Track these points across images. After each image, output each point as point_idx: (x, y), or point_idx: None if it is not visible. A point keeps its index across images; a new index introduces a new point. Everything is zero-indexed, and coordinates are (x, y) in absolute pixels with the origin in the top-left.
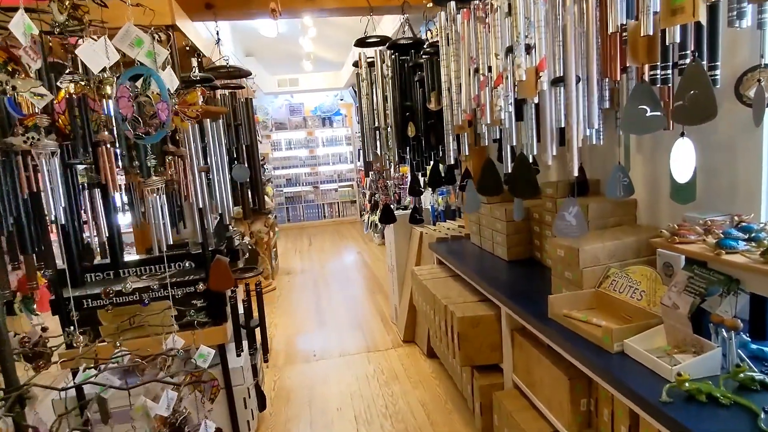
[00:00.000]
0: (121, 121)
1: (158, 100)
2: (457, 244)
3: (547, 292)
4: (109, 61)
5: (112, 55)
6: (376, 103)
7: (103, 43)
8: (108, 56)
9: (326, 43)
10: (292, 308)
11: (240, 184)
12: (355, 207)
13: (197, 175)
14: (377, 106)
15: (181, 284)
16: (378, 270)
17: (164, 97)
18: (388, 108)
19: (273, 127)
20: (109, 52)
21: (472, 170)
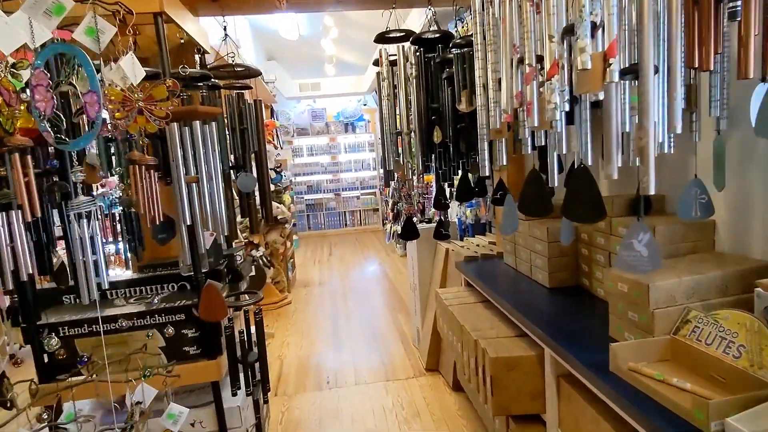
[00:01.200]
0: (38, 118)
1: (87, 91)
2: (488, 265)
3: (601, 333)
4: (33, 39)
5: (38, 33)
6: (398, 105)
7: (22, 16)
8: (31, 33)
9: (349, 46)
10: (306, 325)
11: (246, 195)
12: (378, 215)
13: (184, 187)
14: (400, 109)
15: (170, 311)
16: (399, 284)
17: (93, 87)
18: (412, 111)
19: (295, 133)
20: (33, 27)
21: (508, 182)
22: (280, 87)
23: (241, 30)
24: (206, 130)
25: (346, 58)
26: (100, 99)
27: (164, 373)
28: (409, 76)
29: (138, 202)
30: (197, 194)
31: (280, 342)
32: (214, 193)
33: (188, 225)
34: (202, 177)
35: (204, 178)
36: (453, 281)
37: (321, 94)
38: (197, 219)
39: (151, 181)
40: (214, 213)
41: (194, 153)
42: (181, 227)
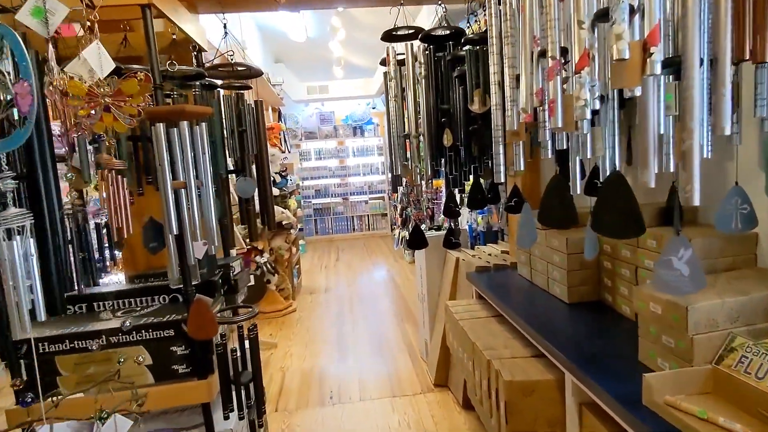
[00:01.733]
0: None
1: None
2: (501, 276)
3: (629, 357)
4: None
5: None
6: (405, 106)
7: None
8: None
9: (357, 48)
10: (311, 335)
11: (246, 200)
12: (386, 220)
13: (170, 192)
14: (408, 111)
15: (158, 326)
16: (407, 292)
17: (25, 75)
18: (421, 113)
19: (303, 137)
20: None
21: (523, 188)
22: (288, 90)
23: (248, 32)
24: (197, 131)
25: (354, 61)
26: (35, 90)
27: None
28: (417, 76)
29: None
30: (186, 201)
31: (283, 352)
32: (205, 199)
33: (176, 234)
34: (190, 182)
35: (192, 184)
36: (463, 293)
37: (329, 97)
38: (186, 228)
39: (118, 187)
40: (205, 221)
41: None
42: (169, 237)
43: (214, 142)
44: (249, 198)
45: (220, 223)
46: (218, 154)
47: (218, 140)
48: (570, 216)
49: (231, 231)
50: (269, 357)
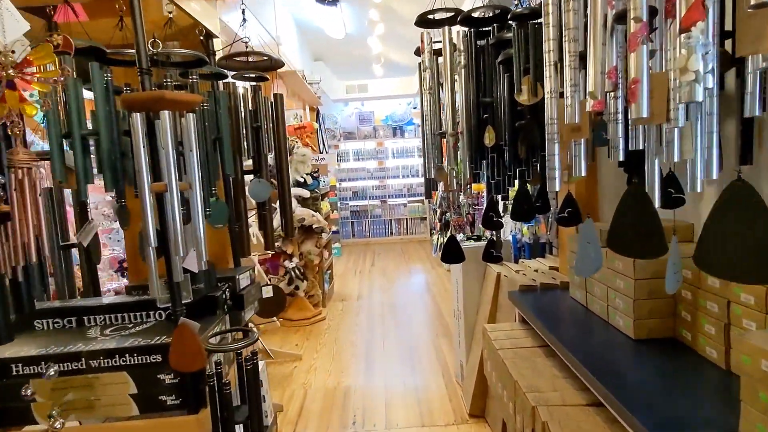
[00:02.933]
0: None
1: None
2: (549, 298)
3: (722, 423)
4: None
5: None
6: (442, 100)
7: None
8: None
9: (396, 43)
10: (338, 347)
11: (261, 204)
12: (425, 225)
13: (147, 197)
14: (444, 105)
15: (144, 350)
16: (444, 303)
17: None
18: (459, 107)
19: (341, 137)
20: None
21: (579, 197)
22: (326, 89)
23: (286, 29)
24: (184, 124)
25: (394, 58)
26: None
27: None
28: (456, 65)
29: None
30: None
31: (307, 366)
32: (194, 204)
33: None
34: (172, 184)
35: (174, 186)
36: (505, 313)
37: (368, 96)
38: (172, 237)
39: (35, 191)
40: (193, 229)
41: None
42: (148, 250)
43: (220, 139)
44: (264, 202)
45: (230, 229)
46: (226, 152)
47: (225, 137)
48: (656, 244)
49: (243, 238)
50: (293, 370)
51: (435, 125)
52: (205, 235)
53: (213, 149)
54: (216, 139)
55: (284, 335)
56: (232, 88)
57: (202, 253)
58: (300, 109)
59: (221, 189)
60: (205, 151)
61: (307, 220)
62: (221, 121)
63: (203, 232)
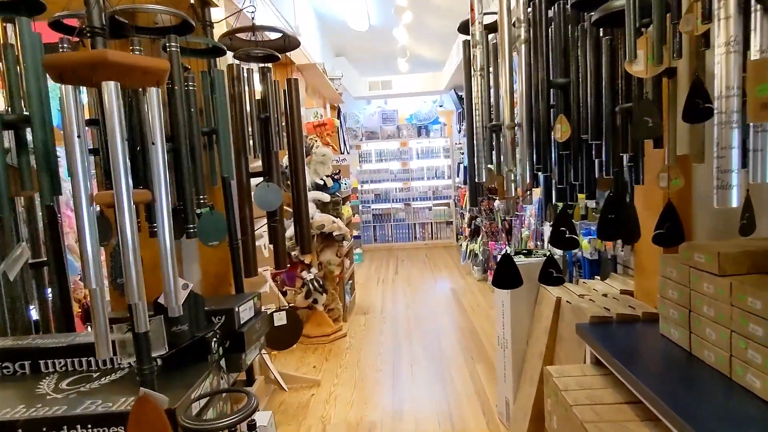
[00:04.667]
0: None
1: None
2: (630, 333)
3: None
4: None
5: None
6: (497, 85)
7: None
8: None
9: (424, 36)
10: (360, 371)
11: (271, 214)
12: (451, 229)
13: (86, 213)
14: (502, 90)
15: (101, 420)
16: (478, 319)
17: None
18: (519, 92)
19: (363, 137)
20: None
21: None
22: (348, 86)
23: (304, 19)
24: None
25: (420, 53)
26: None
27: None
28: (515, 40)
29: None
30: (132, 223)
31: (326, 393)
32: (160, 218)
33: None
34: (121, 191)
35: (124, 193)
36: (568, 349)
37: (392, 93)
38: (127, 273)
39: None
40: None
41: (114, 145)
42: (92, 289)
43: (216, 132)
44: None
45: (230, 247)
46: (223, 149)
47: (223, 129)
48: None
49: (249, 256)
50: (309, 399)
51: (485, 116)
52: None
53: (207, 145)
54: (210, 133)
55: (301, 354)
56: (236, 70)
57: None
58: (320, 108)
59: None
60: (189, 146)
61: (327, 227)
62: (217, 109)
63: (171, 260)
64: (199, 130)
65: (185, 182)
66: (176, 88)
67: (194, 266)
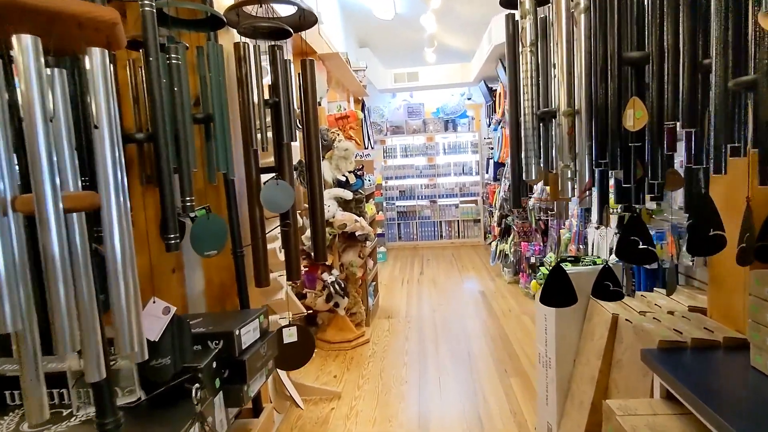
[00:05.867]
0: None
1: None
2: (707, 361)
3: None
4: None
5: None
6: (546, 65)
7: None
8: None
9: (454, 24)
10: (384, 382)
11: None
12: (479, 228)
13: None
14: (557, 70)
15: None
16: (510, 326)
17: None
18: (577, 72)
19: (388, 131)
20: None
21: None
22: (373, 78)
23: (329, 11)
24: (89, 62)
25: (449, 42)
26: None
27: None
28: (574, 9)
29: None
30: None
31: (347, 408)
32: (108, 230)
33: None
34: (43, 191)
35: (47, 194)
36: (628, 377)
37: (418, 86)
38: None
39: None
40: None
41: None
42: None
43: (211, 119)
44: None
45: (233, 256)
46: (219, 140)
47: (220, 116)
48: None
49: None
50: (329, 413)
51: (534, 101)
52: (133, 292)
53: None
54: (205, 120)
55: (322, 361)
56: (243, 49)
57: (126, 332)
58: (344, 101)
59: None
60: (173, 135)
61: (350, 227)
62: (213, 92)
63: (125, 288)
64: (188, 115)
65: (164, 180)
66: (152, 59)
67: (197, 274)
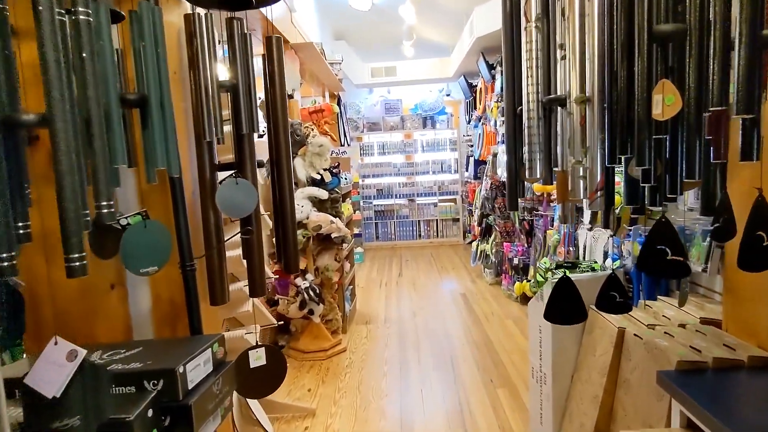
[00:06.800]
0: None
1: None
2: (733, 385)
3: None
4: None
5: None
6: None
7: None
8: None
9: (433, 16)
10: (362, 395)
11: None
12: (458, 227)
13: None
14: (568, 49)
15: None
16: (494, 331)
17: None
18: (591, 51)
19: (365, 128)
20: None
21: None
22: (349, 72)
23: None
24: None
25: (428, 36)
26: None
27: None
28: None
29: None
30: None
31: (322, 427)
32: None
33: None
34: None
35: None
36: (640, 400)
37: (396, 81)
38: None
39: None
40: None
41: None
42: None
43: (143, 99)
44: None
45: (182, 270)
46: (156, 128)
47: (156, 96)
48: None
49: (215, 281)
50: None
51: (542, 87)
52: None
53: (141, 122)
54: (137, 102)
55: (295, 374)
56: (194, 22)
57: None
58: (319, 96)
59: (164, 202)
60: (70, 117)
61: (325, 228)
62: (146, 65)
63: None
64: (112, 94)
65: (62, 178)
66: (41, 8)
67: (142, 291)
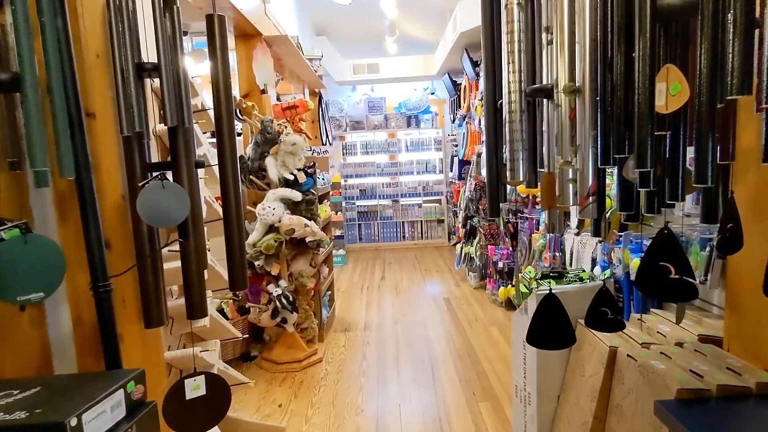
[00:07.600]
0: None
1: None
2: (741, 416)
3: None
4: None
5: None
6: (544, 25)
7: None
8: None
9: (416, 11)
10: (335, 414)
11: (182, 230)
12: (443, 228)
13: None
14: (556, 32)
15: None
16: (477, 339)
17: None
18: (581, 33)
19: (348, 127)
20: None
21: None
22: (330, 69)
23: None
24: None
25: (411, 32)
26: None
27: None
28: None
29: None
30: None
31: None
32: None
33: None
34: None
35: None
36: (633, 428)
37: (379, 78)
38: None
39: None
40: None
41: None
42: None
43: (16, 80)
44: (183, 224)
45: (93, 291)
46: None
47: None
48: None
49: (147, 297)
50: None
51: (526, 75)
52: None
53: None
54: (9, 83)
55: (266, 386)
56: None
57: None
58: (299, 94)
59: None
60: None
61: (298, 232)
62: (21, 38)
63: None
64: None
65: None
66: None
67: (60, 311)
